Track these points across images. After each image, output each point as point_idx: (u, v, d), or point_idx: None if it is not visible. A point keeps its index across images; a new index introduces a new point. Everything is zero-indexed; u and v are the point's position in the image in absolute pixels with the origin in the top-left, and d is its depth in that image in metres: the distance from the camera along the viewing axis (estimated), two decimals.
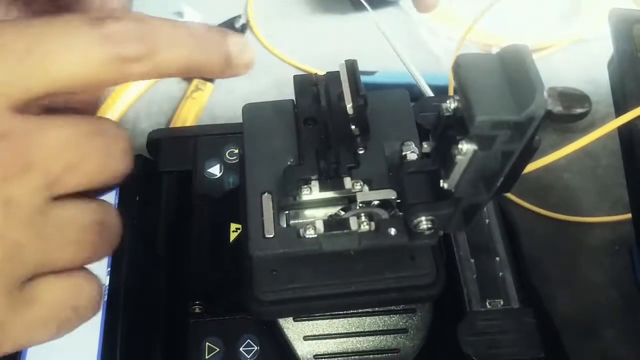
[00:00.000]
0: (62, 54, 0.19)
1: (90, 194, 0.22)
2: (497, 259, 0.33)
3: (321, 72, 0.32)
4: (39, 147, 0.20)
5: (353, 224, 0.27)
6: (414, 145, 0.29)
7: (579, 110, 0.52)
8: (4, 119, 0.19)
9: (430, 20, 0.57)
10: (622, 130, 0.38)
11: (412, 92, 0.49)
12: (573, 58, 0.56)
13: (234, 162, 0.39)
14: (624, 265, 0.44)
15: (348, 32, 0.58)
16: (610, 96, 0.41)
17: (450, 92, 0.51)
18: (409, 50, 0.50)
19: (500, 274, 0.33)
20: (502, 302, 0.32)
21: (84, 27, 0.20)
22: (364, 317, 0.32)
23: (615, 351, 0.43)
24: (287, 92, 0.32)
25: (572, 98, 0.52)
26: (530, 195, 0.49)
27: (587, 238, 0.48)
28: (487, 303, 0.32)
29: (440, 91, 0.50)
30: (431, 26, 0.57)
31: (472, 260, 0.33)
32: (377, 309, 0.32)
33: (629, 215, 0.39)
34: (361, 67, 0.52)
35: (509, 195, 0.48)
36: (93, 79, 0.20)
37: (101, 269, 0.38)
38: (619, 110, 0.38)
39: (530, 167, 0.41)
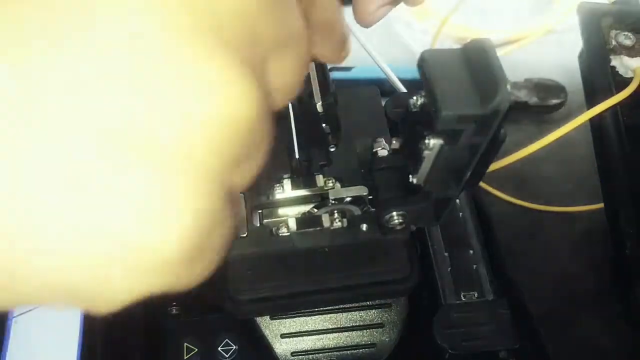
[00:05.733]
0: None
1: None
2: (471, 251, 0.34)
3: None
4: None
5: (325, 221, 0.28)
6: (384, 142, 0.29)
7: (555, 101, 0.52)
8: None
9: (406, 13, 0.57)
10: (593, 122, 0.38)
11: (388, 87, 0.49)
12: (548, 49, 0.57)
13: None
14: (601, 254, 0.45)
15: None
16: None
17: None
18: (385, 44, 0.50)
19: (475, 266, 0.33)
20: (476, 295, 0.32)
21: None
22: (340, 313, 0.32)
23: (592, 339, 0.43)
24: None
25: (548, 89, 0.51)
26: (507, 186, 0.49)
27: (565, 227, 0.48)
28: (461, 296, 0.32)
29: (416, 85, 0.50)
30: (407, 20, 0.57)
31: (447, 254, 0.33)
32: (353, 304, 0.32)
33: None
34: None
35: (486, 186, 0.48)
36: None
37: None
38: (590, 102, 0.38)
39: (508, 160, 0.41)
